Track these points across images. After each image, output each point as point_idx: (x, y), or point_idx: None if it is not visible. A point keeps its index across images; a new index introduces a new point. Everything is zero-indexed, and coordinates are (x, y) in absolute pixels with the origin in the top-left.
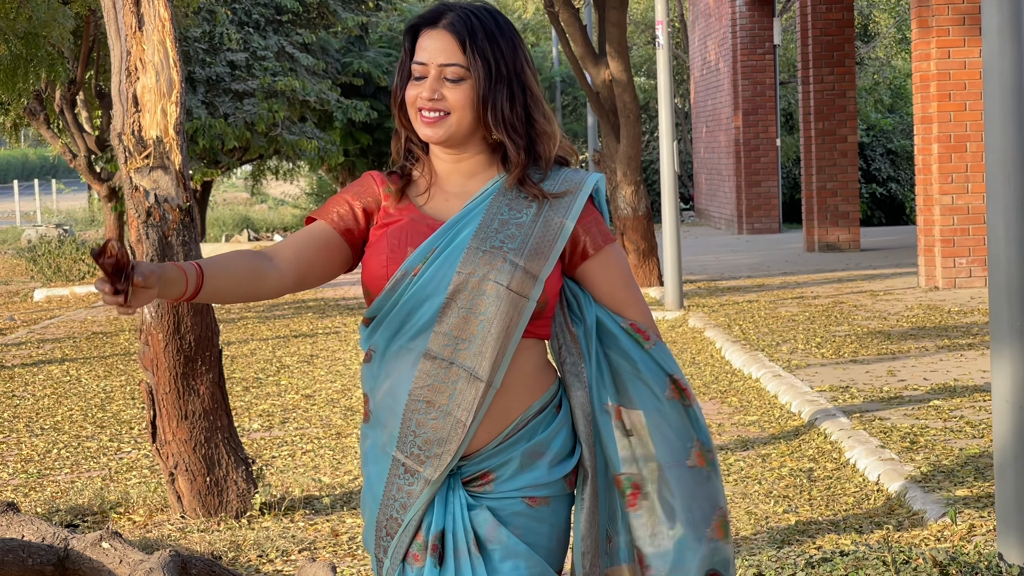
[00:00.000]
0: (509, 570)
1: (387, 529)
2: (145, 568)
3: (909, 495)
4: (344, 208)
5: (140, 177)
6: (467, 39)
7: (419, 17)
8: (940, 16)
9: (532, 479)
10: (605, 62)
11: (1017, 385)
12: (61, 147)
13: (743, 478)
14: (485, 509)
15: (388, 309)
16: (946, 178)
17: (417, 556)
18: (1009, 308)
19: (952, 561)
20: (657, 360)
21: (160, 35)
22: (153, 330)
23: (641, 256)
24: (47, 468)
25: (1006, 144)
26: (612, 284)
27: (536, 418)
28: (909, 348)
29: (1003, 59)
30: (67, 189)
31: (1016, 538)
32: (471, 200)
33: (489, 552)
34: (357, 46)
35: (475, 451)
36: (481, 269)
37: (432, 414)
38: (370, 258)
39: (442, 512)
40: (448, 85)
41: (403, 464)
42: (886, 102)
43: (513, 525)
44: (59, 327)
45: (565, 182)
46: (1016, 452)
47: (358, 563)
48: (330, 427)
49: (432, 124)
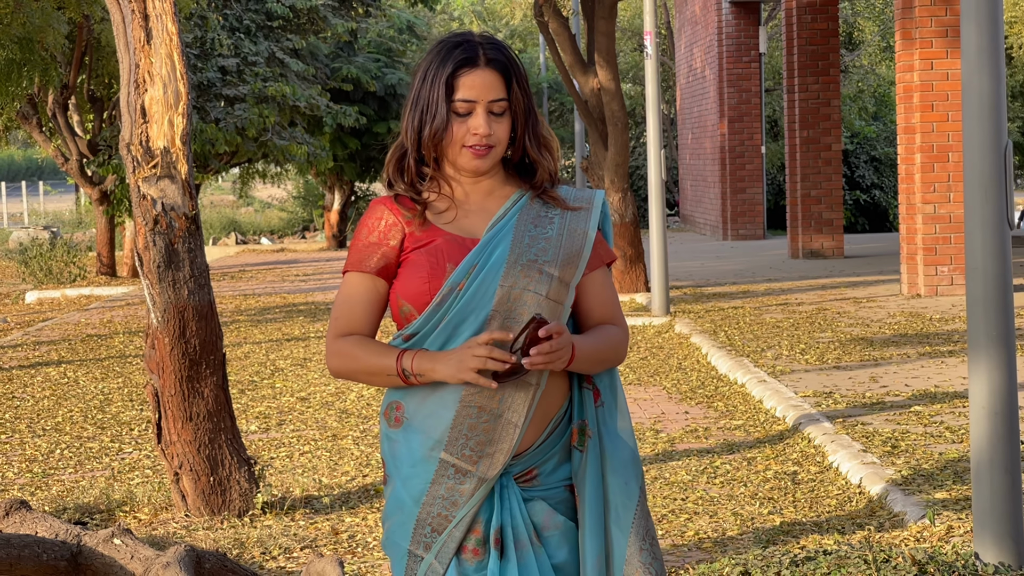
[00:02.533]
0: (567, 553)
1: (433, 526)
2: (162, 562)
3: (890, 497)
4: (379, 254)
5: (148, 186)
6: (511, 75)
7: (456, 59)
8: (923, 28)
9: (569, 471)
10: (594, 71)
11: (993, 392)
12: (53, 150)
13: (729, 480)
14: (540, 500)
15: (436, 323)
16: (928, 187)
17: (477, 551)
18: (986, 318)
19: (930, 560)
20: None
21: (168, 48)
22: (159, 334)
23: (628, 262)
24: (51, 468)
25: (984, 161)
26: (604, 299)
27: (567, 415)
28: (891, 355)
29: (981, 78)
30: (54, 191)
31: (991, 538)
32: (498, 218)
33: (546, 539)
34: (346, 52)
35: (523, 450)
36: (521, 281)
37: (484, 418)
38: (409, 278)
39: (500, 509)
40: (494, 119)
41: (453, 465)
42: (870, 110)
43: (562, 511)
44: (54, 329)
45: (577, 199)
46: (992, 457)
47: (358, 560)
48: (326, 429)
49: (482, 156)
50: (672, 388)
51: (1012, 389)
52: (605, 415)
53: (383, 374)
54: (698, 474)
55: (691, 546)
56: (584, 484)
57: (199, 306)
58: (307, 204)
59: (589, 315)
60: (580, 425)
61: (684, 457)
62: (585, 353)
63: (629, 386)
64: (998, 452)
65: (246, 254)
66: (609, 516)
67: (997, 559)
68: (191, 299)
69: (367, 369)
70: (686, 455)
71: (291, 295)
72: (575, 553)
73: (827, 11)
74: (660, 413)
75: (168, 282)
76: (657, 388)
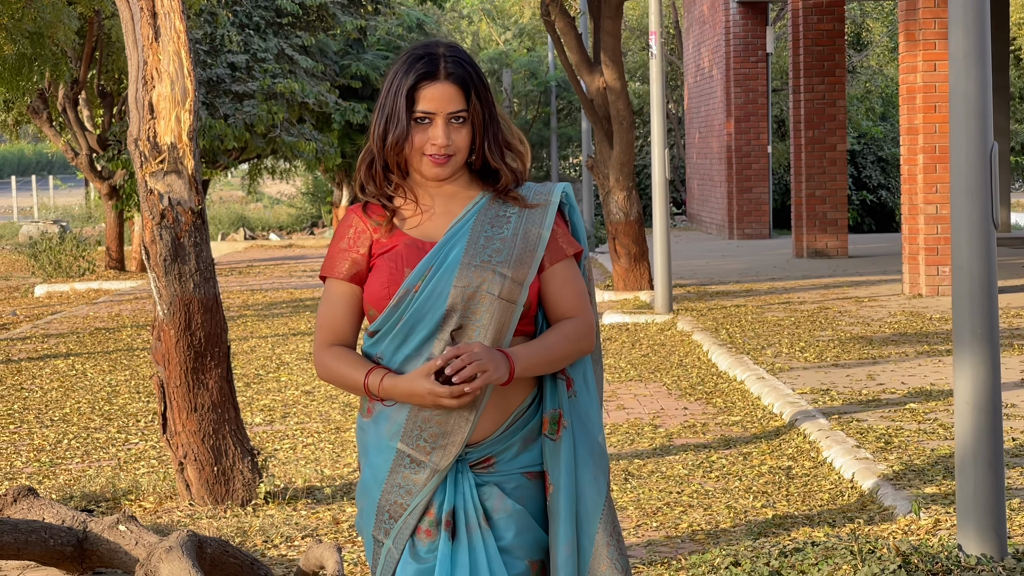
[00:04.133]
0: (512, 536)
1: (390, 512)
2: (165, 547)
3: (881, 492)
4: (349, 261)
5: (155, 181)
6: (469, 88)
7: (417, 71)
8: (927, 30)
9: (529, 459)
10: (600, 70)
11: (977, 388)
12: (63, 145)
13: (725, 475)
14: (492, 485)
15: (393, 323)
16: (931, 188)
17: (430, 532)
18: (971, 315)
19: (915, 551)
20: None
21: (175, 46)
22: (165, 326)
23: (632, 260)
24: (59, 457)
25: (970, 163)
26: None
27: (530, 408)
28: (890, 353)
29: (968, 82)
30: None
31: (974, 530)
32: (456, 220)
33: (495, 521)
34: (355, 49)
35: (480, 440)
36: (475, 282)
37: (437, 411)
38: (372, 282)
39: (452, 492)
40: (453, 129)
41: (408, 455)
42: (878, 110)
43: (516, 497)
44: (62, 322)
45: (537, 195)
46: (976, 451)
47: (358, 549)
48: (329, 422)
49: (442, 164)
50: (672, 384)
51: (996, 385)
52: (577, 406)
53: (353, 387)
54: (694, 468)
55: (684, 537)
56: (559, 474)
57: (204, 299)
58: (315, 200)
59: (555, 308)
60: (554, 415)
61: (681, 452)
62: (530, 360)
63: (630, 382)
64: (982, 446)
65: (254, 249)
66: (579, 508)
67: (980, 551)
68: (196, 292)
69: (343, 383)
70: (683, 450)
71: (298, 291)
72: (521, 536)
73: (833, 12)
74: (659, 409)
75: (174, 275)
76: (657, 384)
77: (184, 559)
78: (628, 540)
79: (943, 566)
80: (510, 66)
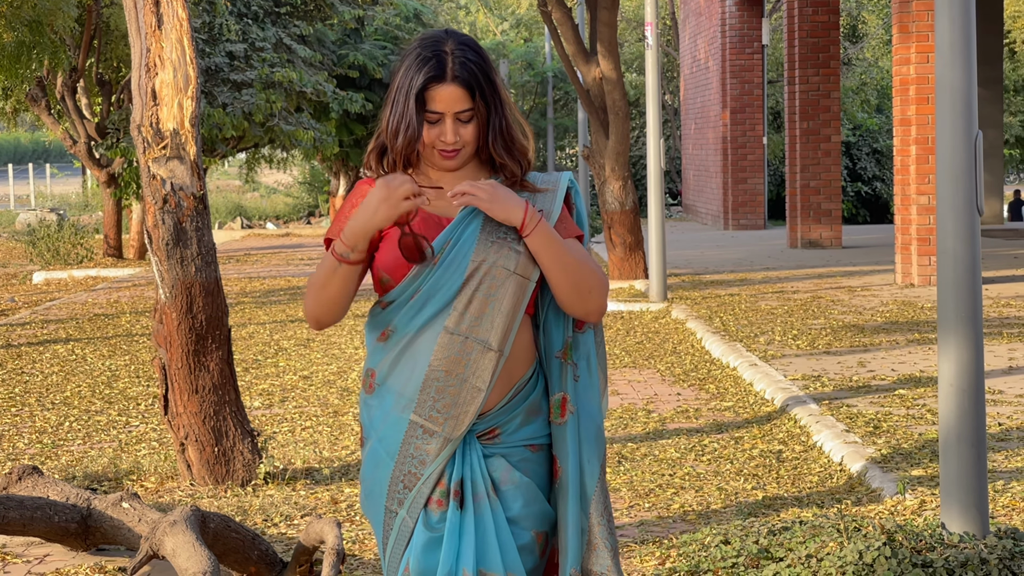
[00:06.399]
0: (520, 507)
1: (405, 483)
2: (169, 521)
3: (869, 474)
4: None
5: (157, 166)
6: (474, 88)
7: (425, 74)
8: (920, 22)
9: (532, 431)
10: (596, 61)
11: (961, 370)
12: (62, 133)
13: (716, 458)
14: (499, 457)
15: (410, 294)
16: (923, 179)
17: (440, 502)
18: (956, 298)
19: (899, 529)
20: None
21: (178, 33)
22: (167, 309)
23: (627, 249)
24: (60, 439)
25: (955, 152)
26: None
27: (531, 381)
28: (880, 341)
29: (954, 73)
30: (60, 174)
31: (957, 509)
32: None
33: (503, 492)
34: (353, 39)
35: (486, 411)
36: (491, 257)
37: (450, 382)
38: (388, 251)
39: (461, 463)
40: (461, 124)
41: (421, 426)
42: (873, 102)
43: (522, 469)
44: (61, 308)
45: (544, 182)
46: (959, 432)
47: (356, 528)
48: (327, 406)
49: (451, 158)
50: (666, 371)
51: (979, 367)
52: (580, 390)
53: (329, 270)
54: (687, 452)
55: (676, 518)
56: (566, 457)
57: (206, 283)
58: (313, 190)
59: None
60: (560, 399)
61: (674, 436)
62: (551, 236)
63: (624, 368)
64: (965, 427)
65: (251, 238)
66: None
67: (962, 529)
68: (198, 276)
69: (320, 282)
70: (676, 434)
71: (295, 278)
72: (528, 507)
73: (828, 4)
74: (653, 394)
75: (176, 259)
76: (651, 371)
77: (188, 532)
78: (621, 520)
79: (927, 543)
80: (507, 56)
